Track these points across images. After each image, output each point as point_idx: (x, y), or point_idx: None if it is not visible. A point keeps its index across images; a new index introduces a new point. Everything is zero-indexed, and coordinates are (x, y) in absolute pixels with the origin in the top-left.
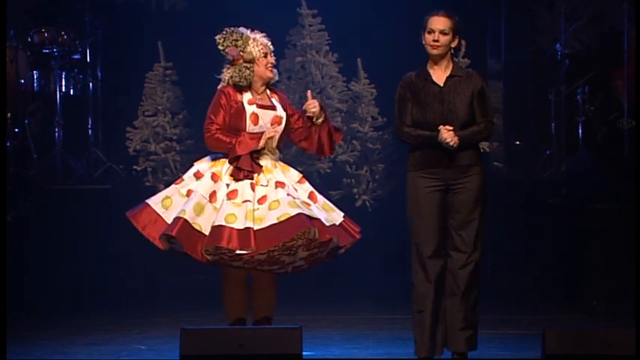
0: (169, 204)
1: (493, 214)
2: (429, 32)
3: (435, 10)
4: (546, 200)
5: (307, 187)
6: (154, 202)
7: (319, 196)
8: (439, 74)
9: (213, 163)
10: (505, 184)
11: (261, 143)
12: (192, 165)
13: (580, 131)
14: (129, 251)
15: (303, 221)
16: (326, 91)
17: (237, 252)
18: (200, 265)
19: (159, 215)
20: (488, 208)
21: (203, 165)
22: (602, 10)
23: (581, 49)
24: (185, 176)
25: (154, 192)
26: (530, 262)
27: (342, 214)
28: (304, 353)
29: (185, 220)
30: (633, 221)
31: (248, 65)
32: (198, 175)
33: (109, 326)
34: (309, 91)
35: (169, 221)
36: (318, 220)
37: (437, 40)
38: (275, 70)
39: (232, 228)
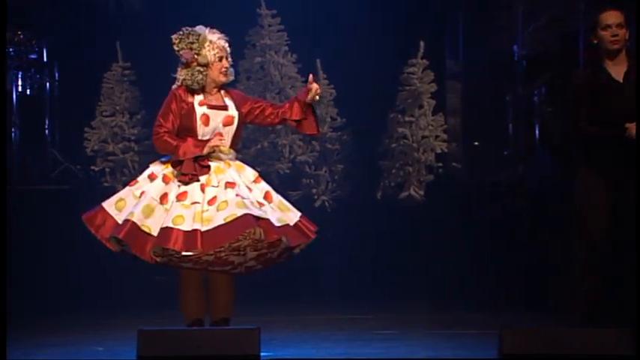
0: (123, 206)
1: (451, 214)
2: (605, 28)
3: (606, 6)
4: (504, 200)
5: (263, 186)
6: (108, 204)
7: (275, 196)
8: (617, 70)
9: (167, 164)
10: (463, 185)
11: (205, 151)
12: (148, 166)
13: (537, 132)
14: (89, 252)
15: (249, 222)
16: (285, 92)
17: (183, 253)
18: (159, 266)
19: (112, 217)
20: (442, 207)
21: (157, 167)
22: (561, 11)
23: (541, 51)
24: (140, 178)
25: (112, 192)
26: (488, 262)
27: (298, 213)
28: (262, 354)
29: (133, 223)
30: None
31: (201, 69)
32: (152, 177)
33: (69, 327)
34: (311, 75)
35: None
36: (267, 220)
37: (616, 35)
38: (231, 70)
39: (179, 229)
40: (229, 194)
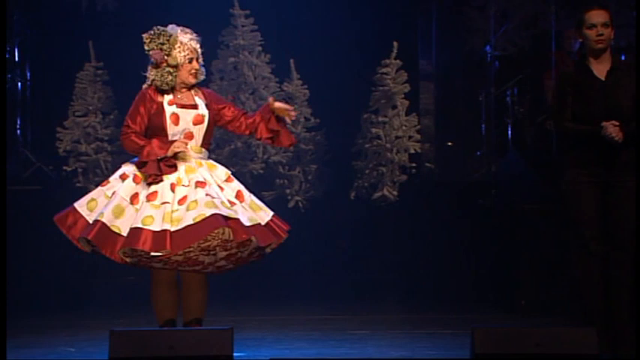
0: (94, 206)
1: (424, 214)
2: (590, 27)
3: (590, 5)
4: (476, 201)
5: (235, 185)
6: (80, 204)
7: (247, 195)
8: (600, 68)
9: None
10: (436, 184)
11: (169, 153)
12: (120, 166)
13: (509, 132)
14: (61, 253)
15: (218, 221)
16: (259, 92)
17: (152, 254)
18: (130, 266)
19: (84, 218)
20: (415, 208)
21: (129, 167)
22: (533, 12)
23: (513, 51)
24: (111, 178)
25: (85, 193)
26: (461, 262)
27: (271, 213)
28: (235, 354)
29: (103, 223)
30: (562, 220)
31: (171, 70)
32: (123, 177)
33: (41, 328)
34: (271, 98)
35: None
36: (236, 220)
37: (601, 34)
38: (202, 70)
39: (149, 230)
40: (199, 194)
